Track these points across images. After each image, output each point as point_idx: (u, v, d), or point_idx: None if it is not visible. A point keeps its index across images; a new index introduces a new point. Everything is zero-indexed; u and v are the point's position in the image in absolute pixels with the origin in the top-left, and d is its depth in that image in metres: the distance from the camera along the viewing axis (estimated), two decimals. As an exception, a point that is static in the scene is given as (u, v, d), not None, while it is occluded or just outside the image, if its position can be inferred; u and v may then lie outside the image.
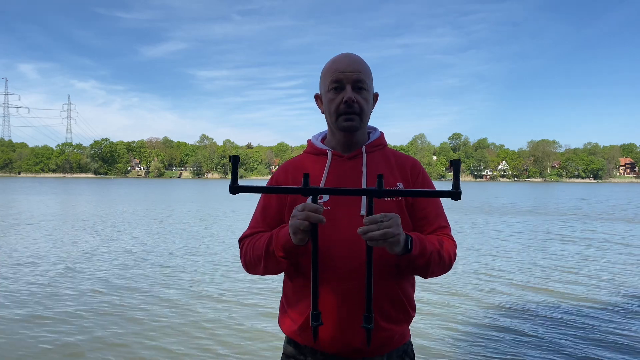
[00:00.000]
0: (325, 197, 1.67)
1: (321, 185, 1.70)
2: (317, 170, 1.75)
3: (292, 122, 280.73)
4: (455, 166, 1.38)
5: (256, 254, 1.70)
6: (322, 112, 1.80)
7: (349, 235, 1.61)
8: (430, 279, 1.71)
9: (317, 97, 1.83)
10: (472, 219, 20.92)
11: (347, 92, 1.67)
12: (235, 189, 1.46)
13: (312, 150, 1.83)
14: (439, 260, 1.64)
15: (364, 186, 1.69)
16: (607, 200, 38.87)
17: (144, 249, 12.17)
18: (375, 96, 1.81)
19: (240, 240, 1.82)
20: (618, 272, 9.65)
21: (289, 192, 1.57)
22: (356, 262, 1.60)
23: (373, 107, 1.80)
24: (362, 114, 1.70)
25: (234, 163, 1.44)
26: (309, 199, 1.57)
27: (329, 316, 1.61)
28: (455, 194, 1.40)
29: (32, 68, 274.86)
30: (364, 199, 1.66)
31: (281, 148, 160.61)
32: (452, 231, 1.81)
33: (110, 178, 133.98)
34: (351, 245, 1.62)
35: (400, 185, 1.72)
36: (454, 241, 1.76)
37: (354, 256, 1.61)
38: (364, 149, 1.77)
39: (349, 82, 1.67)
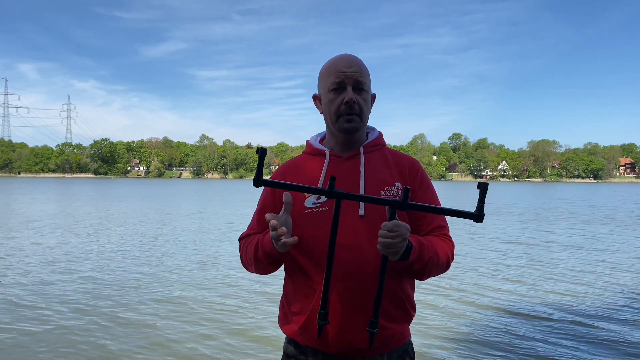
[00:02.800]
0: (323, 197, 1.68)
1: (319, 185, 1.70)
2: (315, 171, 1.76)
3: (292, 122, 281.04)
4: (482, 189, 1.40)
5: (249, 257, 1.75)
6: (321, 113, 1.79)
7: (348, 237, 1.63)
8: (430, 279, 1.74)
9: (316, 98, 1.82)
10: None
11: (348, 93, 1.67)
12: (259, 182, 1.48)
13: (310, 151, 1.84)
14: (436, 264, 1.66)
15: (362, 186, 1.70)
16: (593, 201, 38.79)
17: (134, 248, 12.07)
18: (373, 97, 1.81)
19: (240, 240, 1.87)
20: (613, 272, 9.55)
21: (312, 191, 1.55)
22: (356, 263, 1.63)
23: (371, 107, 1.81)
24: (362, 115, 1.71)
25: (260, 156, 1.45)
26: (282, 212, 1.58)
27: (330, 316, 1.62)
28: (478, 217, 1.41)
29: (32, 68, 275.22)
30: None
31: (281, 148, 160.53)
32: (450, 231, 1.81)
33: (110, 178, 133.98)
34: (351, 247, 1.63)
35: (398, 185, 1.73)
36: (452, 242, 1.78)
37: (354, 257, 1.63)
38: (361, 149, 1.77)
39: (350, 83, 1.68)
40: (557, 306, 6.97)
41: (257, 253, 1.68)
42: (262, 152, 1.45)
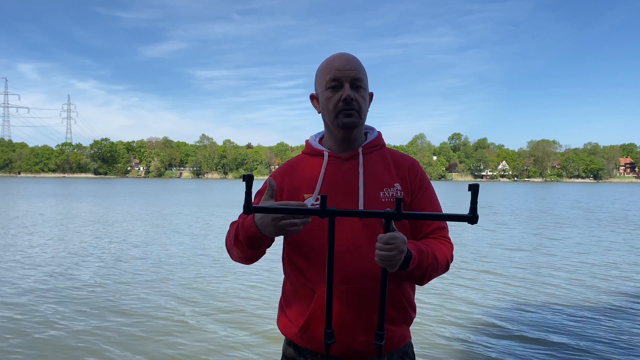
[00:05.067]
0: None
1: (317, 186, 1.70)
2: (314, 171, 1.74)
3: (292, 122, 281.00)
4: (473, 191, 1.39)
5: (230, 240, 1.73)
6: (319, 112, 1.79)
7: (347, 239, 1.62)
8: (430, 281, 1.73)
9: (313, 97, 1.81)
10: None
11: (345, 90, 1.66)
12: (249, 209, 1.44)
13: (309, 151, 1.82)
14: (435, 269, 1.65)
15: (360, 187, 1.68)
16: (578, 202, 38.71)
17: (129, 249, 12.06)
18: (370, 95, 1.80)
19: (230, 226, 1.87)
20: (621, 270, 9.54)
21: (304, 212, 1.49)
22: (356, 265, 1.62)
23: (368, 106, 1.80)
24: (360, 112, 1.70)
25: (247, 182, 1.42)
26: (266, 197, 1.56)
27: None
28: (472, 219, 1.41)
29: (31, 68, 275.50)
30: (361, 201, 1.66)
31: (281, 148, 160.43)
32: (449, 232, 1.79)
33: (110, 178, 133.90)
34: (350, 249, 1.62)
35: (397, 186, 1.72)
36: (451, 244, 1.77)
37: (353, 259, 1.62)
38: (360, 150, 1.75)
39: (347, 80, 1.67)
40: (556, 308, 6.95)
41: (238, 235, 1.63)
42: (248, 178, 1.42)
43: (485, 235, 15.23)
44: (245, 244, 1.61)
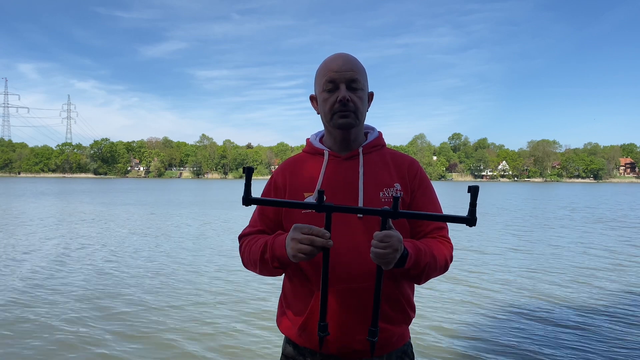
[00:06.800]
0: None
1: (317, 185, 1.70)
2: (314, 170, 1.75)
3: (292, 122, 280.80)
4: (473, 193, 1.38)
5: (252, 258, 1.72)
6: (318, 113, 1.80)
7: (346, 240, 1.63)
8: (431, 280, 1.72)
9: (313, 98, 1.82)
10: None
11: (341, 92, 1.67)
12: (248, 200, 1.44)
13: (310, 150, 1.83)
14: (434, 268, 1.65)
15: (360, 187, 1.69)
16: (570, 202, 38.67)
17: (128, 250, 12.00)
18: (371, 95, 1.80)
19: (240, 238, 1.84)
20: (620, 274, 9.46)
21: (301, 206, 1.51)
22: (355, 265, 1.62)
23: (369, 106, 1.79)
24: (357, 112, 1.70)
25: (247, 174, 1.42)
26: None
27: (329, 318, 1.61)
28: (470, 221, 1.39)
29: (31, 68, 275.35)
30: (360, 201, 1.66)
31: (281, 148, 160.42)
32: (449, 232, 1.78)
33: (110, 178, 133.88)
34: (349, 248, 1.62)
35: (397, 186, 1.72)
36: (451, 243, 1.76)
37: (353, 258, 1.62)
38: (360, 149, 1.76)
39: (343, 81, 1.68)
40: (557, 306, 6.91)
41: (265, 255, 1.64)
42: (248, 170, 1.43)
43: (481, 235, 15.16)
44: (271, 264, 1.64)
